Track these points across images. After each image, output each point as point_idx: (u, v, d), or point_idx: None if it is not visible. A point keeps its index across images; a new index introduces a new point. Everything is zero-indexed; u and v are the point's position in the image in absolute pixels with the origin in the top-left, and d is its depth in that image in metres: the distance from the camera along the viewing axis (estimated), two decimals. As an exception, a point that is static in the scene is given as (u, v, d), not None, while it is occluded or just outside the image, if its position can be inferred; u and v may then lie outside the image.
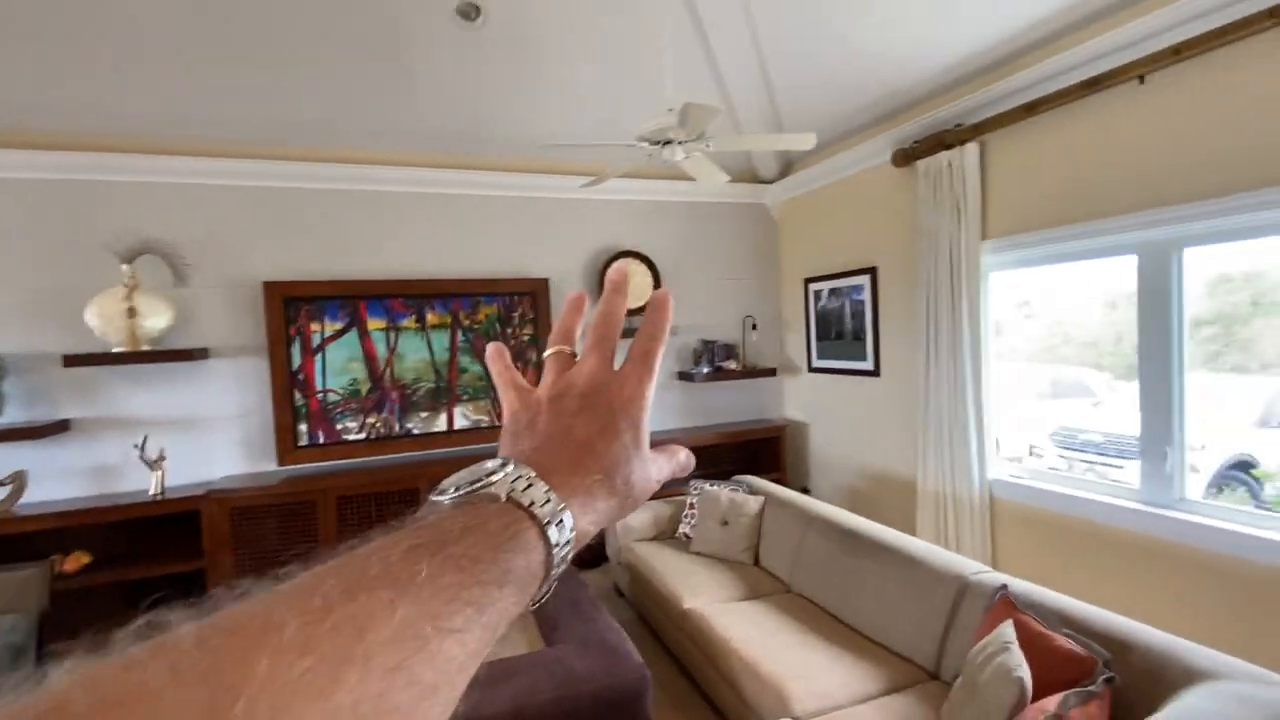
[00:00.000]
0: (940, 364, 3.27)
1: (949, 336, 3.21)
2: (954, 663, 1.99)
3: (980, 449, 3.14)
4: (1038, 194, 2.88)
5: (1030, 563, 2.99)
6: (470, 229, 4.12)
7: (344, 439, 3.73)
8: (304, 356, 3.65)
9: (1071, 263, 2.85)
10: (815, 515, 2.84)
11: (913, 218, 3.56)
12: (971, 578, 2.09)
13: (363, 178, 3.83)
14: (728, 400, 4.83)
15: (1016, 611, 1.78)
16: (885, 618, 2.26)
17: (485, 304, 4.04)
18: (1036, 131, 2.86)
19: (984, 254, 3.13)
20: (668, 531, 3.50)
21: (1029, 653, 1.61)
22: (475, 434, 4.01)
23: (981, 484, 3.15)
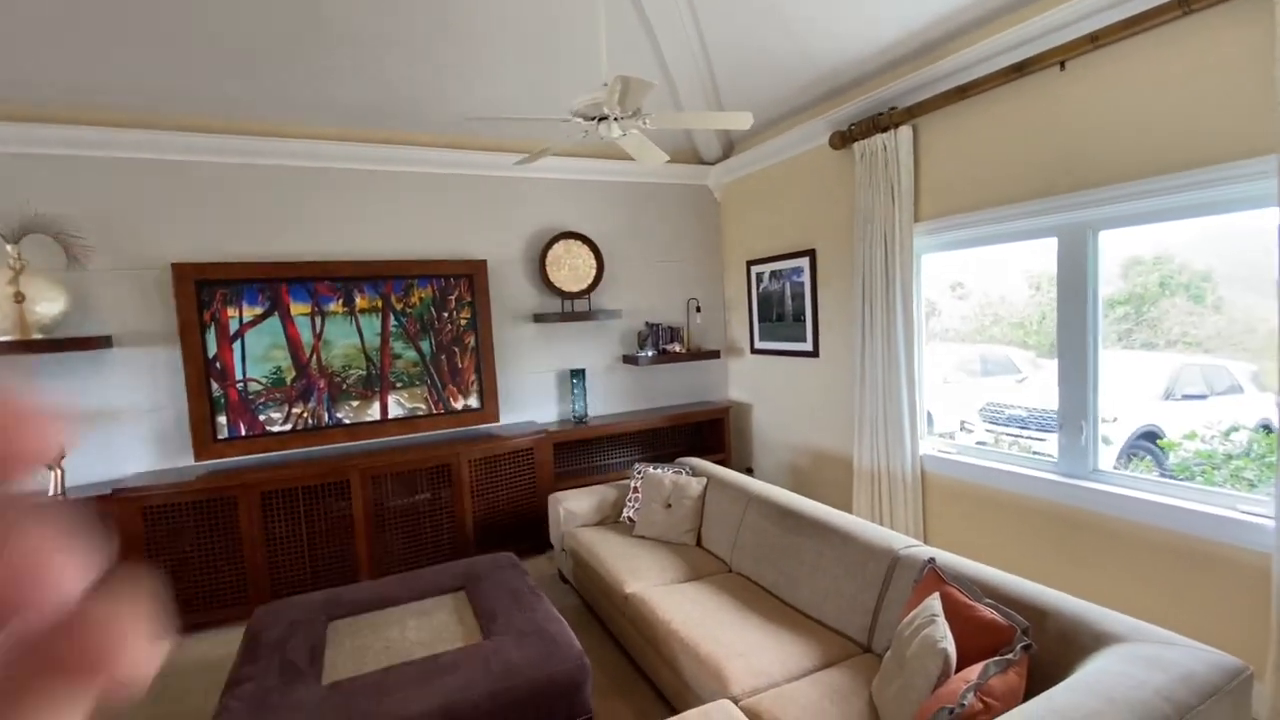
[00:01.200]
0: (875, 344, 3.33)
1: (883, 317, 3.27)
2: (886, 635, 2.04)
3: (913, 426, 3.23)
4: (967, 177, 2.94)
5: (958, 535, 3.11)
6: (402, 208, 3.93)
7: (268, 430, 3.52)
8: (221, 344, 3.41)
9: (998, 245, 2.93)
10: (755, 495, 2.86)
11: (850, 199, 3.60)
12: (902, 552, 2.14)
13: (284, 152, 3.58)
14: (672, 382, 4.82)
15: (943, 584, 1.83)
16: (821, 594, 2.29)
17: (419, 286, 3.87)
18: (966, 115, 2.91)
19: (917, 235, 3.19)
20: (611, 516, 3.47)
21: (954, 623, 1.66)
22: (410, 423, 3.87)
23: (913, 460, 3.24)
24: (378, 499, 3.51)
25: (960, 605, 1.71)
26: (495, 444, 3.81)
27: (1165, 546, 2.31)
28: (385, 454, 3.55)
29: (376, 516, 3.50)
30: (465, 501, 3.71)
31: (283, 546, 3.30)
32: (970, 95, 2.82)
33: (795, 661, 2.01)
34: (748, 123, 2.34)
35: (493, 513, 3.81)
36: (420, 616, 2.48)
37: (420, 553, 3.62)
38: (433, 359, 3.93)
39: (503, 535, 3.83)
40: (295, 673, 2.04)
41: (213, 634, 3.17)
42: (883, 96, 3.23)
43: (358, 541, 3.45)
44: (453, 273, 3.94)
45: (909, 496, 3.25)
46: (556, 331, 4.42)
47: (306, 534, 3.35)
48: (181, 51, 2.98)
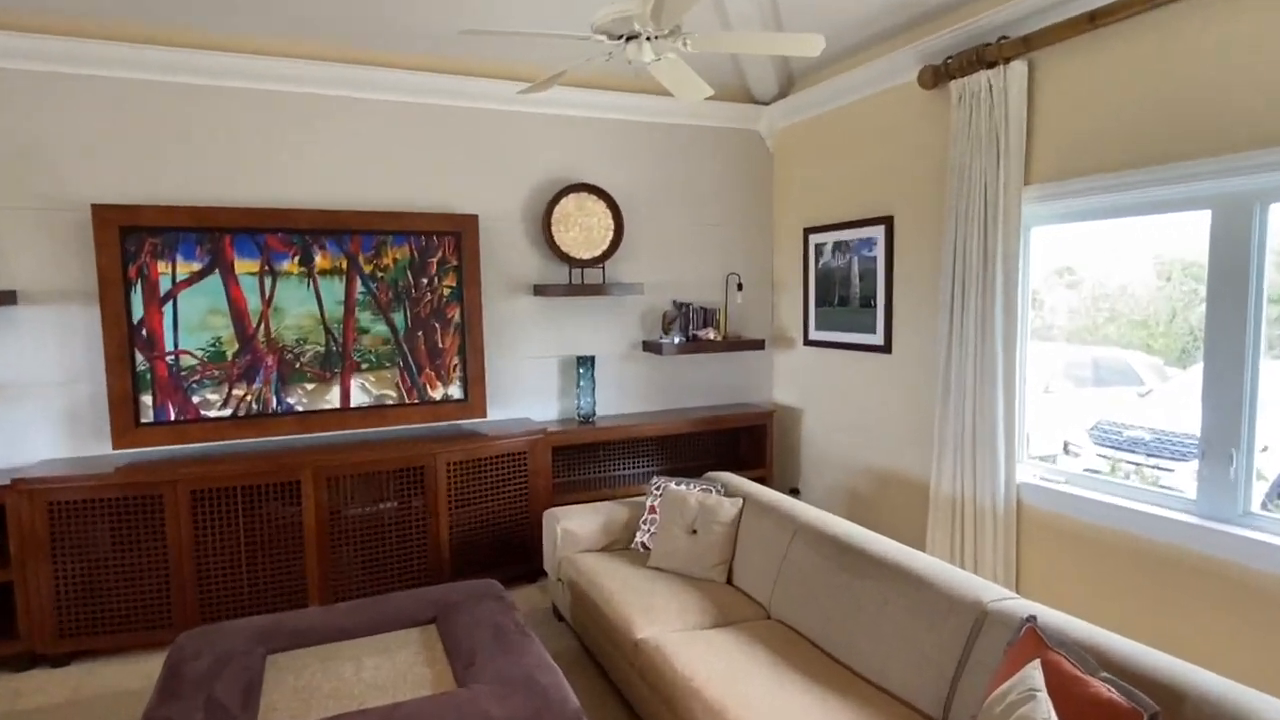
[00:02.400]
0: (965, 339, 3.24)
1: (978, 305, 3.18)
2: (967, 710, 1.98)
3: (1009, 446, 3.15)
4: (1095, 129, 2.83)
5: (1063, 586, 3.03)
6: (377, 146, 3.92)
7: (203, 415, 3.55)
8: (149, 306, 3.43)
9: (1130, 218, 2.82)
10: (803, 523, 2.81)
11: (942, 154, 3.50)
12: (991, 605, 2.07)
13: (234, 71, 3.57)
14: (704, 378, 4.77)
15: (1046, 649, 1.76)
16: (884, 653, 2.24)
17: (394, 245, 3.86)
18: (1099, 49, 2.80)
19: (1026, 202, 3.09)
20: (621, 540, 3.44)
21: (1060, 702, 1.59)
22: (376, 413, 3.87)
23: (1007, 489, 3.16)
24: (334, 505, 3.52)
25: (1069, 679, 1.65)
26: (480, 444, 3.79)
27: (1335, 615, 2.22)
28: (345, 450, 3.55)
29: (331, 527, 3.51)
30: (441, 513, 3.70)
31: (216, 558, 3.32)
32: (1105, 23, 2.71)
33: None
34: (818, 48, 2.27)
35: (474, 529, 3.81)
36: (380, 654, 2.48)
37: (383, 574, 3.63)
38: (407, 335, 3.92)
39: (485, 558, 3.83)
40: (223, 714, 2.04)
41: (130, 660, 3.21)
42: (991, 22, 3.12)
43: (307, 557, 3.46)
44: (436, 229, 3.92)
45: (1000, 535, 3.17)
46: (562, 308, 4.38)
47: (245, 544, 3.37)
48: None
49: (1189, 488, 2.71)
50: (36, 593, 3.10)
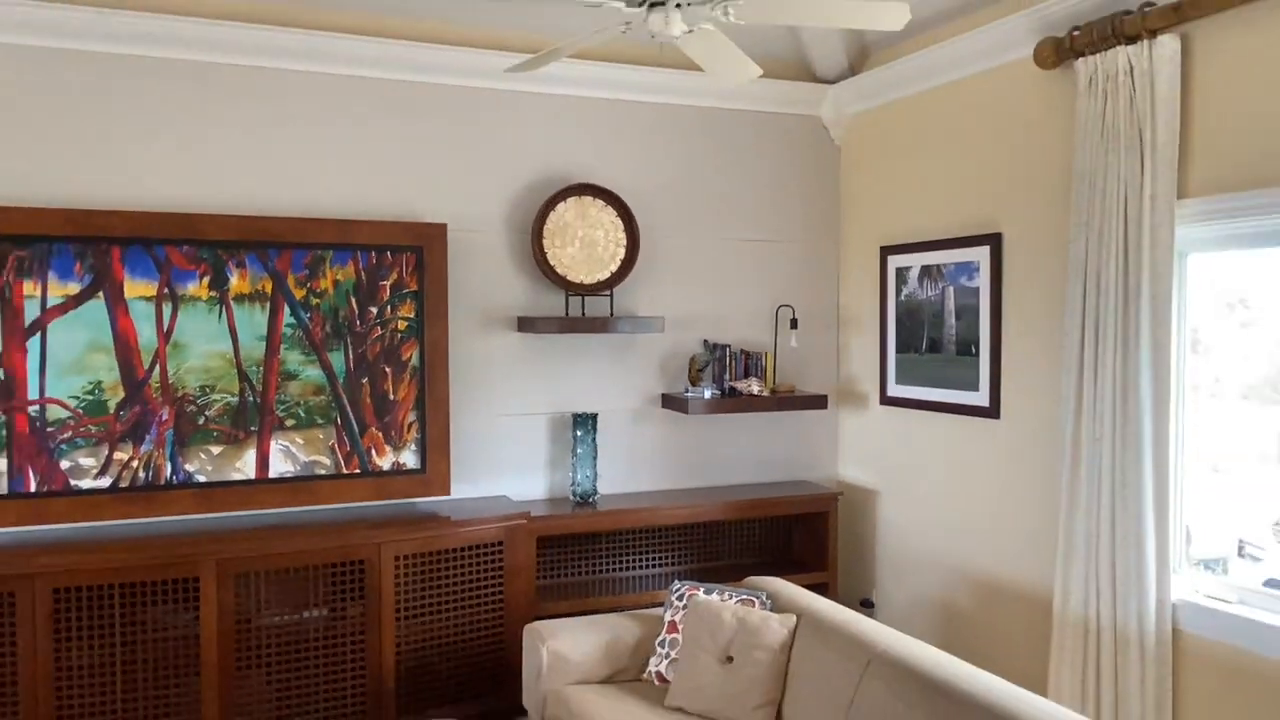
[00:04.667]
0: (1102, 401, 3.25)
1: (1117, 355, 3.20)
2: None
3: (1160, 548, 3.13)
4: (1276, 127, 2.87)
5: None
6: (314, 133, 4.03)
7: (73, 486, 3.60)
8: (9, 339, 3.51)
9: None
10: (880, 652, 2.79)
11: (1066, 155, 3.55)
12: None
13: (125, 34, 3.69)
14: (744, 446, 4.79)
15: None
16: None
17: (334, 263, 3.94)
18: (1278, 20, 2.86)
19: (1181, 222, 3.12)
20: (630, 669, 3.43)
21: None
22: (304, 486, 3.91)
23: (1159, 609, 3.13)
24: (242, 613, 3.53)
25: None
26: (441, 532, 3.81)
27: None
28: (260, 537, 3.58)
29: (238, 642, 3.52)
30: (385, 626, 3.71)
31: (83, 684, 3.33)
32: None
33: None
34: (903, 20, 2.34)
35: (430, 649, 3.81)
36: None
37: (306, 710, 3.62)
38: (348, 383, 3.98)
39: (444, 689, 3.83)
40: None
41: (-43, 821, 3.21)
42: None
43: (204, 682, 3.47)
44: (391, 243, 4.00)
45: (1148, 673, 3.13)
46: (555, 349, 4.43)
47: (122, 664, 3.38)
48: None
49: None
50: None
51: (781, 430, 4.87)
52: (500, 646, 3.92)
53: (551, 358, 4.44)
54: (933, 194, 4.30)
